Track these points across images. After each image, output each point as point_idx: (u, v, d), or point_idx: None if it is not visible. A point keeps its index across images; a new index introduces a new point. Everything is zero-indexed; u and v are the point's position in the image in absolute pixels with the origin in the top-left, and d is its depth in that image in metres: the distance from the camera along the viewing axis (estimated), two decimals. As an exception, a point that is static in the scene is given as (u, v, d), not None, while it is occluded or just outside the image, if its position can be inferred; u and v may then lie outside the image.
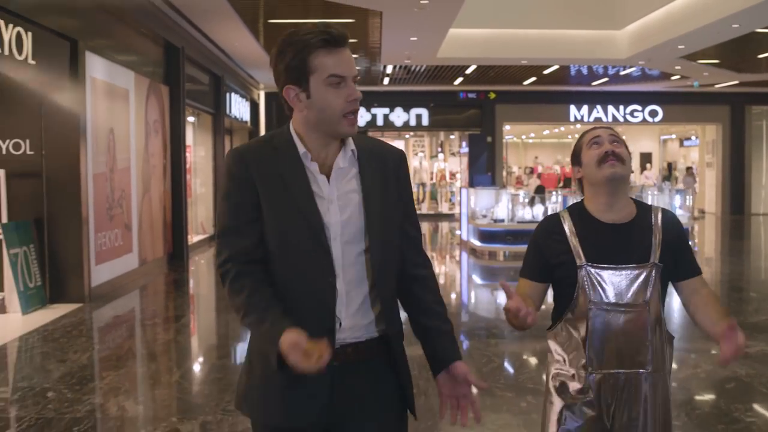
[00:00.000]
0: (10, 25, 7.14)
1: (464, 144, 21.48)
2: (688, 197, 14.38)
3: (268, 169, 2.10)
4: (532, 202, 14.24)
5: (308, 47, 2.03)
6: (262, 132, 22.76)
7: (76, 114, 8.77)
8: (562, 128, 29.80)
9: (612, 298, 2.48)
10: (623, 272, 2.49)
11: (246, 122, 20.37)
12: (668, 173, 29.23)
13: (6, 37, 7.07)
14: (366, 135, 2.26)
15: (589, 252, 2.52)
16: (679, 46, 14.66)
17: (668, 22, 13.75)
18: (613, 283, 2.48)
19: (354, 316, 2.10)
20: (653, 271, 2.48)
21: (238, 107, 19.08)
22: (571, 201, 13.90)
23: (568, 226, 2.59)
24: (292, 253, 2.09)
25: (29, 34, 7.51)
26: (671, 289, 2.58)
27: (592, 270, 2.50)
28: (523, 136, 36.74)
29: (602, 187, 2.54)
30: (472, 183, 16.43)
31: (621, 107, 23.60)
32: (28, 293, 8.39)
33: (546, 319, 2.64)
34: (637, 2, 14.86)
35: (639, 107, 23.59)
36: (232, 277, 2.09)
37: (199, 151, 16.63)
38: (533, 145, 38.29)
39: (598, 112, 23.54)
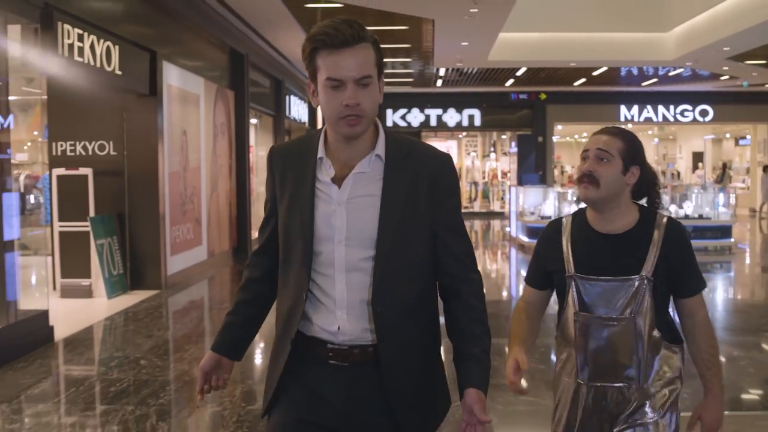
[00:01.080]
0: (101, 40, 8.03)
1: (513, 144, 22.04)
2: (731, 195, 14.73)
3: (289, 168, 2.14)
4: (578, 200, 14.76)
5: (314, 46, 2.00)
6: (320, 133, 23.62)
7: (154, 118, 9.67)
8: (614, 128, 29.97)
9: (597, 310, 2.42)
10: (610, 284, 2.41)
11: (304, 123, 21.25)
12: (722, 173, 28.83)
13: (98, 51, 7.96)
14: (411, 137, 2.22)
15: (579, 262, 2.45)
16: (724, 48, 15.00)
17: (713, 25, 14.12)
18: (599, 294, 2.42)
19: (354, 321, 2.06)
20: (644, 285, 2.38)
21: (297, 109, 19.96)
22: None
23: (566, 234, 2.52)
24: (287, 255, 2.14)
25: (116, 47, 8.41)
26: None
27: (580, 280, 2.44)
28: (576, 136, 37.01)
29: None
30: (521, 182, 17.02)
31: (671, 107, 23.84)
32: (112, 280, 9.31)
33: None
34: (683, 5, 15.24)
35: (689, 107, 23.81)
36: (246, 266, 2.37)
37: (260, 152, 17.52)
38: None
39: (648, 112, 23.82)
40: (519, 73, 19.86)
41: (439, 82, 21.86)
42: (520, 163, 19.67)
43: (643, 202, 2.56)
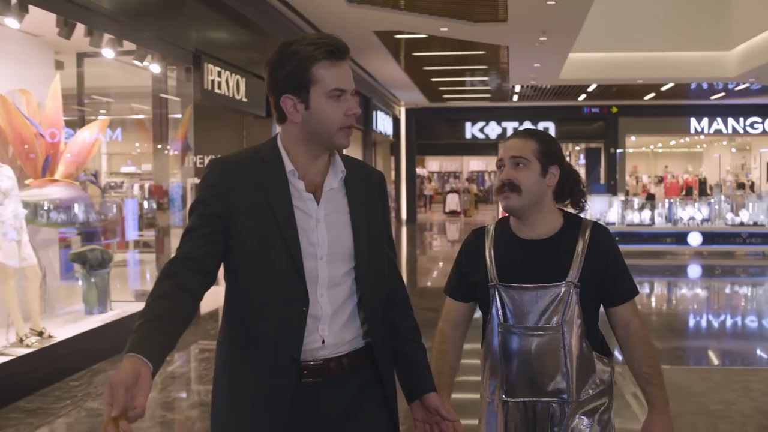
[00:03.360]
0: (233, 74, 9.90)
1: (581, 156, 23.31)
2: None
3: (250, 182, 2.01)
4: (642, 208, 16.13)
5: (311, 58, 1.98)
6: (403, 144, 25.35)
7: (268, 135, 11.44)
8: (687, 138, 30.79)
9: (522, 320, 2.30)
10: (534, 292, 2.29)
11: (389, 136, 23.00)
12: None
13: (231, 84, 9.83)
14: (346, 154, 2.21)
15: (502, 270, 2.34)
16: (782, 66, 16.01)
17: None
18: (524, 303, 2.30)
19: (339, 333, 2.04)
20: (570, 291, 2.27)
21: (383, 123, 21.71)
22: (678, 208, 15.67)
23: (488, 242, 2.41)
24: (265, 273, 1.99)
25: (244, 79, 10.27)
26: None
27: (503, 289, 2.33)
28: (651, 146, 37.78)
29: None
30: (589, 191, 18.40)
31: (741, 119, 24.50)
32: (234, 271, 11.15)
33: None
34: (745, 25, 16.26)
35: (759, 119, 24.40)
36: (162, 276, 1.93)
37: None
38: (663, 154, 39.26)
39: (718, 124, 24.56)
40: (590, 89, 21.09)
41: (515, 97, 23.18)
42: (588, 173, 21.00)
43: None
